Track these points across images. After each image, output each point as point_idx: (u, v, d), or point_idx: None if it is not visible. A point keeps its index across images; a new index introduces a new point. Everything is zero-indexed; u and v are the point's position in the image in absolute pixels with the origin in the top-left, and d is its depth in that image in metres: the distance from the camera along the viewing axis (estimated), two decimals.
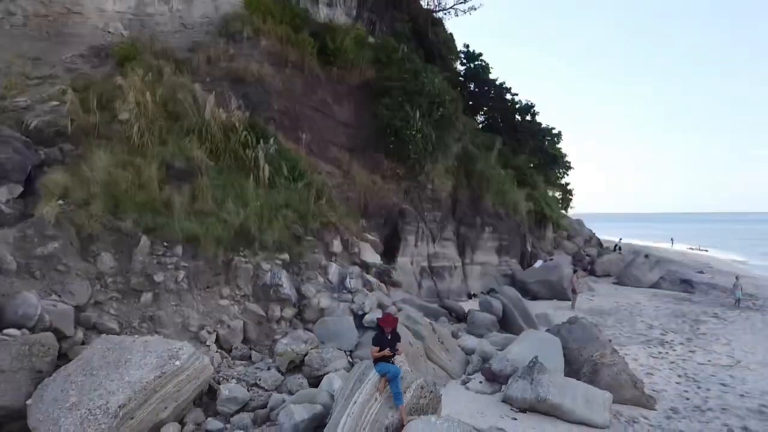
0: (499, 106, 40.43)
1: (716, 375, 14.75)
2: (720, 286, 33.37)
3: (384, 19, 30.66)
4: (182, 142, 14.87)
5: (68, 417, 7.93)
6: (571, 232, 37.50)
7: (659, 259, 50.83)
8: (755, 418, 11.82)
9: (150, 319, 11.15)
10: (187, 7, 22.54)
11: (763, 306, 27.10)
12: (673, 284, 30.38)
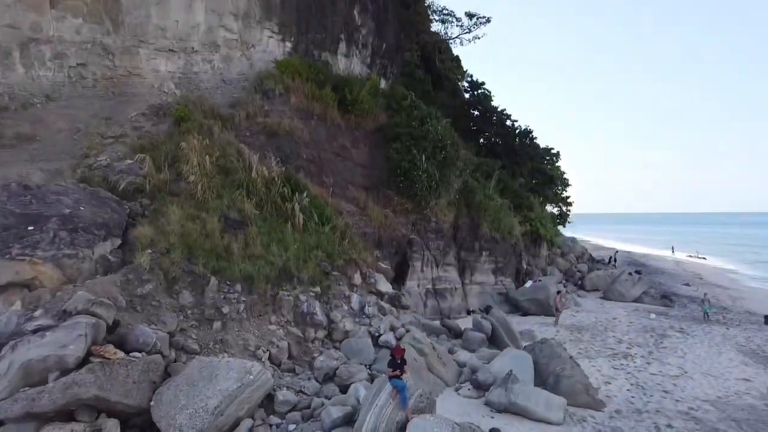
0: (499, 131, 44.04)
1: (662, 384, 18.33)
2: (699, 299, 36.81)
3: (395, 62, 34.41)
4: (234, 195, 18.69)
5: (181, 414, 11.72)
6: (564, 249, 40.99)
7: (653, 270, 54.45)
8: (680, 419, 15.41)
9: (220, 341, 14.94)
10: (226, 65, 26.44)
11: (731, 320, 30.51)
12: (654, 299, 33.80)
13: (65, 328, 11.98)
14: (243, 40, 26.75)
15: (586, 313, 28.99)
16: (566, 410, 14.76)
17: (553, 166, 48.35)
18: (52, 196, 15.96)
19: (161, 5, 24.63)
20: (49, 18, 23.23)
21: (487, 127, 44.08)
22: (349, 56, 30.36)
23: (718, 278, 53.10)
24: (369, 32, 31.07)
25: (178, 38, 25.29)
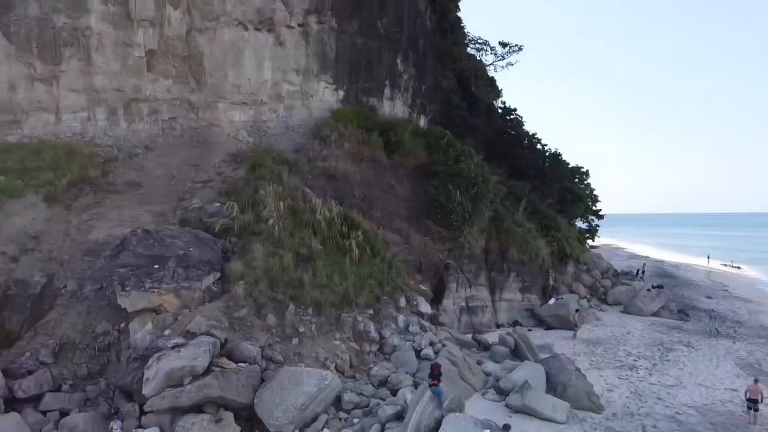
0: (530, 154, 47.56)
1: (657, 392, 21.91)
2: (717, 313, 39.56)
3: (433, 100, 38.52)
4: (303, 234, 23.12)
5: (277, 409, 16.10)
6: (590, 265, 44.20)
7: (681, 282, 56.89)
8: (665, 421, 19.05)
9: (298, 354, 19.33)
10: (289, 114, 31.03)
11: (742, 334, 33.39)
12: (672, 313, 36.87)
13: (194, 346, 16.55)
14: (303, 92, 31.34)
15: (604, 327, 32.47)
16: (570, 412, 18.59)
17: (582, 184, 51.60)
18: (168, 240, 20.67)
19: (236, 66, 29.38)
20: (146, 81, 28.22)
21: (519, 151, 47.63)
22: (392, 99, 34.68)
23: (745, 290, 55.06)
24: (410, 77, 35.36)
25: (250, 93, 30.03)
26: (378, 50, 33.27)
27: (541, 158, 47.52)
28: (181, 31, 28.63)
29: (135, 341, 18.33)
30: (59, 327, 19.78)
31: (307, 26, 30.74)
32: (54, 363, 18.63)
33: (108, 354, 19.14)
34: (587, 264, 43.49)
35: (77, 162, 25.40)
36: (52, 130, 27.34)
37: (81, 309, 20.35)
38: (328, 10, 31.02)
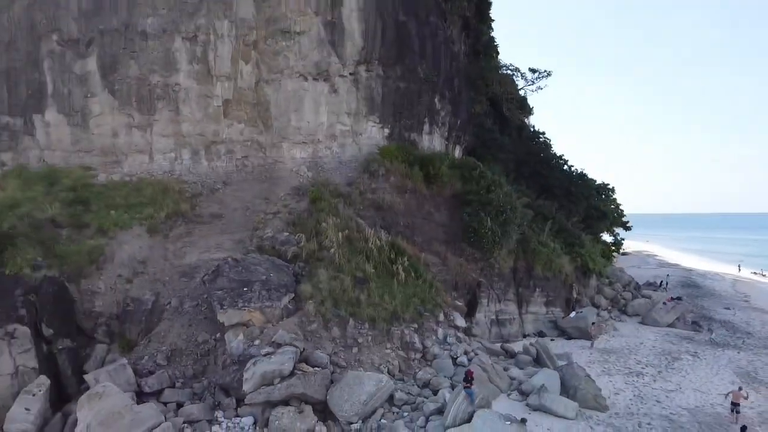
0: (557, 175, 51.46)
1: (658, 396, 25.92)
2: (730, 324, 42.96)
3: (467, 132, 42.91)
4: (358, 260, 27.84)
5: (345, 404, 20.85)
6: (612, 279, 47.87)
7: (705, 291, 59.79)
8: (660, 420, 23.12)
9: (358, 360, 24.05)
10: (341, 150, 35.84)
11: (749, 345, 36.77)
12: (686, 324, 40.39)
13: (281, 353, 21.45)
14: (353, 131, 36.14)
15: (620, 337, 36.33)
16: (579, 411, 22.86)
17: (608, 200, 55.25)
18: (252, 266, 25.67)
19: (298, 111, 34.38)
20: (223, 126, 33.45)
21: (547, 172, 51.54)
22: (431, 134, 39.25)
23: (766, 300, 57.69)
24: (446, 113, 39.88)
25: (309, 133, 34.97)
26: (418, 92, 37.89)
27: (567, 178, 51.34)
28: (252, 83, 33.77)
29: (231, 349, 23.35)
30: (168, 336, 24.97)
31: (358, 75, 35.53)
32: (167, 365, 23.77)
33: (208, 358, 24.23)
34: (609, 277, 47.19)
35: (171, 197, 30.73)
36: (146, 169, 32.82)
37: (183, 322, 25.53)
38: (375, 60, 35.74)
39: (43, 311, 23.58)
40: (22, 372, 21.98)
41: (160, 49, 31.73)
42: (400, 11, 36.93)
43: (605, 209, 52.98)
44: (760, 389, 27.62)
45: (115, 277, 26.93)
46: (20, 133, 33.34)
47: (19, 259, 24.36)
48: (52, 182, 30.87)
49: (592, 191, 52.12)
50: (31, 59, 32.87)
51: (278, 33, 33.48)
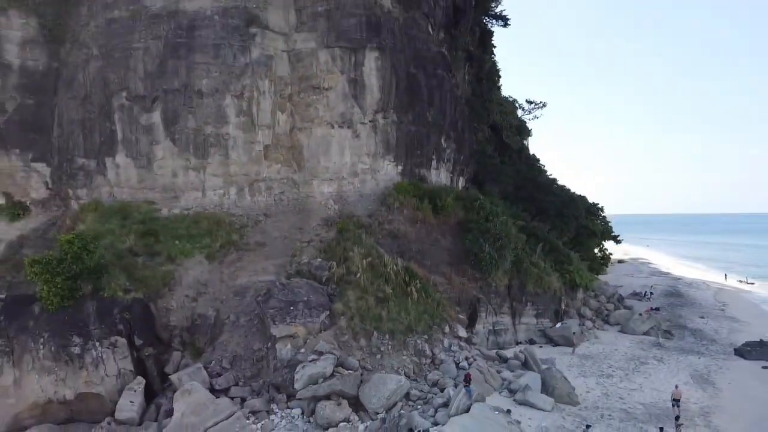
0: (551, 198, 57.75)
1: (621, 393, 32.12)
2: (700, 332, 49.03)
3: (469, 165, 49.25)
4: (379, 283, 34.19)
5: (373, 398, 27.23)
6: (597, 292, 54.09)
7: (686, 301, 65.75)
8: (618, 412, 29.34)
9: (381, 365, 30.42)
10: (362, 185, 42.22)
11: (711, 351, 42.80)
12: (658, 332, 46.54)
13: (324, 359, 27.86)
14: (372, 169, 42.53)
15: (599, 344, 42.51)
16: (555, 405, 29.15)
17: (597, 219, 61.59)
18: (296, 289, 32.11)
19: (326, 154, 40.80)
20: (263, 166, 39.87)
21: (541, 195, 57.81)
22: (438, 169, 45.67)
23: (742, 309, 63.39)
24: (451, 151, 46.30)
25: (335, 171, 41.33)
26: (427, 134, 44.35)
27: (559, 201, 57.61)
28: (287, 130, 40.23)
29: (281, 355, 29.75)
30: (229, 345, 31.43)
31: (376, 122, 41.92)
32: (231, 368, 30.22)
33: (262, 363, 30.63)
34: (595, 291, 53.40)
35: (223, 229, 37.21)
36: (200, 203, 39.29)
37: (241, 333, 31.97)
38: (390, 108, 42.14)
39: (134, 326, 30.09)
40: (123, 373, 28.49)
41: (213, 105, 38.17)
42: (411, 65, 43.35)
43: (594, 228, 59.20)
44: (707, 389, 33.79)
45: (183, 296, 33.42)
46: (94, 173, 39.85)
47: (113, 284, 30.86)
48: (124, 216, 37.38)
49: (582, 212, 58.30)
50: (104, 111, 39.37)
51: (310, 89, 39.90)
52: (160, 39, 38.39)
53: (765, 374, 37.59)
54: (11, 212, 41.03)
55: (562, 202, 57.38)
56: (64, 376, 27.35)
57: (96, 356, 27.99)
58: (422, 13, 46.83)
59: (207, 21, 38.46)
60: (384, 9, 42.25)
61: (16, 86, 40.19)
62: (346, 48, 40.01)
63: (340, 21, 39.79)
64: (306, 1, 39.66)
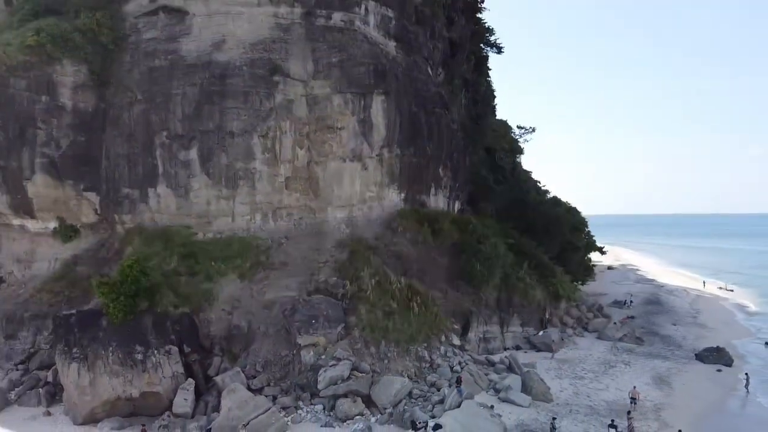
0: (538, 217, 63.87)
1: (589, 393, 38.21)
2: (669, 338, 55.16)
3: (464, 190, 55.42)
4: (385, 298, 40.30)
5: (382, 396, 33.38)
6: (579, 302, 60.28)
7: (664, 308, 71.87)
8: (584, 407, 35.49)
9: (388, 368, 36.53)
10: (370, 211, 48.34)
11: (675, 356, 48.92)
12: (631, 339, 52.65)
13: (342, 365, 34.05)
14: (378, 196, 48.67)
15: (577, 350, 48.62)
16: (531, 402, 35.30)
17: (581, 234, 67.80)
18: (317, 304, 38.25)
19: (339, 184, 46.82)
20: (285, 195, 45.95)
21: (530, 213, 63.87)
22: (436, 195, 51.88)
23: (714, 316, 69.61)
24: (448, 179, 52.51)
25: (346, 199, 47.40)
26: (426, 165, 50.56)
27: (546, 219, 63.78)
28: (305, 164, 46.24)
29: (305, 360, 35.89)
30: (260, 352, 37.56)
31: (382, 155, 47.99)
32: (263, 371, 36.35)
33: (289, 367, 36.72)
34: (577, 301, 59.60)
35: (252, 251, 43.31)
36: (230, 227, 45.39)
37: (269, 342, 38.08)
38: (395, 144, 48.25)
39: (183, 336, 36.26)
40: (176, 375, 34.60)
41: (242, 144, 44.28)
42: (412, 105, 49.49)
43: (578, 243, 65.37)
44: (664, 389, 39.93)
45: (220, 310, 39.55)
46: (137, 201, 45.92)
47: (165, 301, 37.03)
48: (166, 240, 43.45)
49: (566, 229, 64.51)
50: (147, 148, 45.43)
51: (325, 128, 45.95)
52: (196, 86, 44.41)
53: (717, 376, 43.88)
54: (64, 234, 47.21)
55: (548, 220, 63.51)
56: (130, 378, 33.46)
57: (155, 362, 34.12)
58: (422, 56, 53.04)
59: (237, 71, 44.51)
60: (389, 57, 48.39)
61: (70, 125, 46.15)
62: (356, 93, 46.05)
63: (351, 70, 45.83)
64: (322, 53, 45.66)
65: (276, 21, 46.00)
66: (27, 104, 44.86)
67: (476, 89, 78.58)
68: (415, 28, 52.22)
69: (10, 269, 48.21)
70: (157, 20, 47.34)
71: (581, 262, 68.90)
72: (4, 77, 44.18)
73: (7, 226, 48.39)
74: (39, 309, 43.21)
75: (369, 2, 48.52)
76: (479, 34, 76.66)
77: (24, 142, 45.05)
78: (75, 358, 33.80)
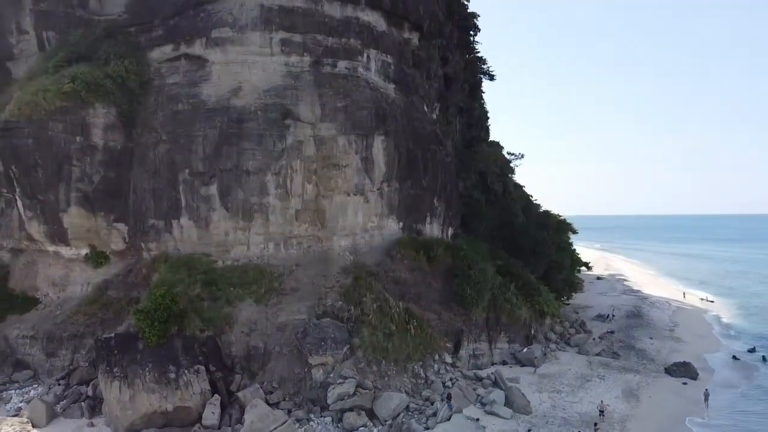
0: (525, 239, 69.16)
1: (565, 405, 43.37)
2: (644, 352, 60.33)
3: (456, 218, 60.66)
4: (385, 321, 45.52)
5: (383, 409, 38.60)
6: (562, 318, 65.54)
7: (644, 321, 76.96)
8: (558, 419, 40.73)
9: (388, 385, 41.75)
10: (371, 239, 53.62)
11: (647, 369, 54.13)
12: (608, 353, 57.88)
13: (348, 382, 39.35)
14: (379, 226, 53.93)
15: (558, 365, 53.77)
16: (513, 414, 40.52)
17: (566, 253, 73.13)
18: (325, 327, 43.46)
19: (343, 215, 52.09)
20: (295, 226, 51.17)
21: (518, 236, 69.19)
22: (431, 224, 57.16)
23: (690, 329, 74.53)
24: (441, 209, 57.79)
25: (350, 229, 52.67)
26: (422, 196, 55.87)
27: (533, 241, 69.07)
28: (313, 197, 51.44)
29: (316, 378, 41.10)
30: (276, 370, 42.74)
31: (382, 189, 53.28)
32: (279, 387, 41.55)
33: (301, 383, 41.88)
34: (560, 317, 64.87)
35: (266, 277, 48.49)
36: (245, 255, 50.59)
37: (284, 361, 43.25)
38: (393, 179, 53.54)
39: (209, 356, 41.46)
40: (204, 392, 39.74)
41: (258, 181, 49.48)
42: (410, 142, 54.78)
43: (563, 263, 70.69)
44: (631, 401, 45.10)
45: (240, 332, 44.71)
46: (162, 231, 51.08)
47: (192, 325, 42.19)
48: (189, 267, 48.56)
49: (552, 251, 69.83)
50: (171, 183, 50.57)
51: (331, 165, 51.17)
52: (216, 129, 49.58)
53: (682, 389, 49.02)
54: (95, 260, 52.40)
55: (535, 242, 68.81)
56: (165, 395, 38.63)
57: (186, 380, 39.29)
58: (419, 95, 58.32)
59: (252, 115, 49.70)
60: (389, 100, 53.67)
61: (101, 162, 51.31)
62: (359, 134, 51.27)
63: (355, 113, 51.07)
64: (328, 98, 50.88)
65: (287, 69, 51.21)
66: (64, 145, 50.01)
67: (470, 113, 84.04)
68: (413, 70, 57.47)
69: (46, 292, 53.36)
70: (179, 66, 52.61)
71: (566, 279, 74.12)
72: (44, 121, 49.33)
73: (43, 253, 53.57)
74: (76, 329, 48.42)
75: (370, 50, 53.81)
76: (472, 63, 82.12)
77: (61, 178, 50.19)
78: (116, 377, 38.94)
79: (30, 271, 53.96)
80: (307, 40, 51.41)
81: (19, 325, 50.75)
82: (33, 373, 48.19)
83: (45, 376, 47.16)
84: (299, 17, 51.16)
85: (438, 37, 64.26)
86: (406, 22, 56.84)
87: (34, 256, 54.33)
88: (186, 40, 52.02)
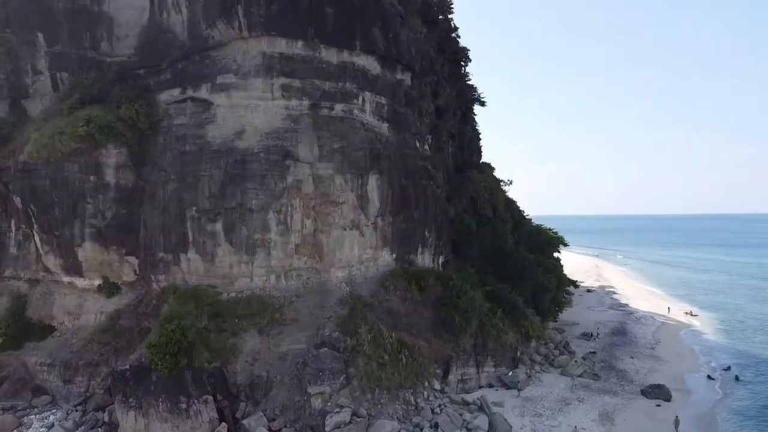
0: (513, 263, 72.88)
1: (545, 429, 47.13)
2: (623, 372, 63.99)
3: (447, 248, 64.38)
4: (379, 351, 49.16)
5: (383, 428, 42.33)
6: (548, 340, 69.27)
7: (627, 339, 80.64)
8: None
9: (381, 412, 45.39)
10: (366, 270, 57.27)
11: (625, 391, 57.82)
12: (589, 375, 61.56)
13: (344, 411, 43.06)
14: (373, 257, 57.60)
15: (541, 387, 57.43)
16: None
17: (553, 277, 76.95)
18: (323, 358, 47.10)
19: (340, 249, 55.72)
20: (294, 259, 54.77)
21: (505, 261, 72.91)
22: (423, 254, 60.85)
23: (671, 347, 78.15)
24: (432, 240, 61.49)
25: (347, 261, 56.31)
26: (414, 229, 59.57)
27: (520, 266, 72.78)
28: (311, 232, 55.06)
29: (314, 406, 44.70)
30: (278, 397, 46.33)
31: (376, 223, 56.94)
32: (281, 414, 45.16)
33: (301, 411, 45.44)
34: (545, 340, 68.60)
35: (268, 309, 52.07)
36: (248, 287, 54.19)
37: (285, 389, 46.84)
38: (387, 213, 57.23)
39: (216, 387, 45.07)
40: (212, 420, 43.37)
41: (260, 219, 53.10)
42: (402, 178, 58.51)
43: (549, 286, 74.44)
44: (606, 424, 48.83)
45: (244, 362, 48.30)
46: (171, 264, 54.68)
47: (200, 357, 45.81)
48: (197, 299, 52.13)
49: (538, 275, 73.58)
50: (179, 219, 54.17)
51: (328, 202, 54.84)
52: (221, 169, 53.19)
53: (655, 411, 52.63)
54: (107, 291, 56.00)
55: (522, 267, 72.52)
56: (177, 423, 42.28)
57: (196, 409, 42.93)
58: (411, 132, 62.01)
59: (254, 156, 53.31)
60: (383, 139, 57.39)
61: (113, 199, 54.97)
62: (354, 173, 54.95)
63: (351, 154, 54.77)
64: (326, 141, 54.53)
65: (288, 112, 54.85)
66: (78, 184, 53.73)
67: (462, 137, 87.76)
68: (405, 109, 61.18)
69: (62, 320, 56.87)
70: (186, 107, 56.24)
71: (553, 299, 77.90)
72: (60, 162, 53.07)
73: (59, 283, 57.18)
74: (91, 358, 52.02)
75: (365, 93, 57.50)
76: (464, 92, 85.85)
77: (75, 215, 53.91)
78: (132, 407, 42.61)
79: (46, 301, 57.40)
80: (306, 85, 54.98)
81: (36, 352, 54.33)
82: (51, 398, 51.71)
83: (63, 402, 50.72)
84: (299, 64, 54.79)
85: (430, 74, 67.94)
86: (399, 64, 60.49)
87: (50, 287, 57.82)
88: (192, 85, 55.62)
